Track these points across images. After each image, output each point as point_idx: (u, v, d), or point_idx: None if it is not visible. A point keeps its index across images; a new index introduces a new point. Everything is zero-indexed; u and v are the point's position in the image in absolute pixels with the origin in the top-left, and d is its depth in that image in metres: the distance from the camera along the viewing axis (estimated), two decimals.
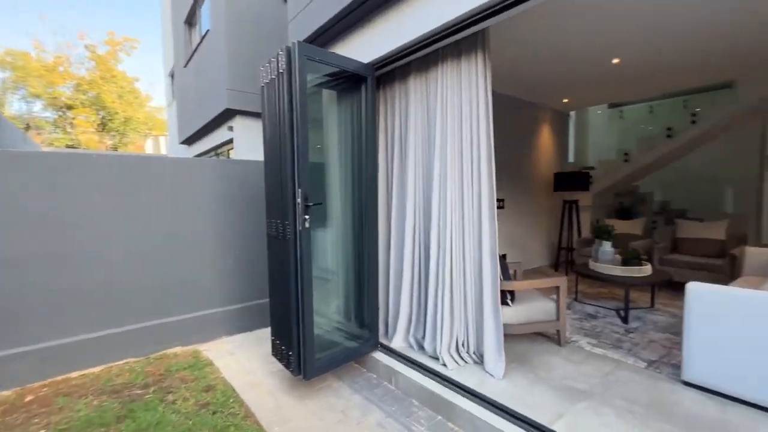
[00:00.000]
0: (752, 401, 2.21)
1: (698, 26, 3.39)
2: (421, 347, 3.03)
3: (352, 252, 3.36)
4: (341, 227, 3.45)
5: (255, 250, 4.04)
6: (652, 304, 4.14)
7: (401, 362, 2.93)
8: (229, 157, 7.35)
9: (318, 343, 2.75)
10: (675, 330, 3.44)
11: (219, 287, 3.89)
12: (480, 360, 2.79)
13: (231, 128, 6.65)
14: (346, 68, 2.86)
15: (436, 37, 2.57)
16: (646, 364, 2.81)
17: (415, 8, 2.59)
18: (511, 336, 3.18)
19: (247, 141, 6.49)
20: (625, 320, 3.66)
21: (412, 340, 3.11)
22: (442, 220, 2.83)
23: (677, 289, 4.64)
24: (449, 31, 2.48)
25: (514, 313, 3.02)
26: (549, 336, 3.32)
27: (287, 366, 2.76)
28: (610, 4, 3.00)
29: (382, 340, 3.25)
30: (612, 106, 8.40)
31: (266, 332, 3.95)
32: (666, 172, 7.45)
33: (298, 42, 2.47)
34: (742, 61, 4.29)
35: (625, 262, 3.83)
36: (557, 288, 3.12)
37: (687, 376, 2.47)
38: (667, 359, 2.87)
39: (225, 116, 6.73)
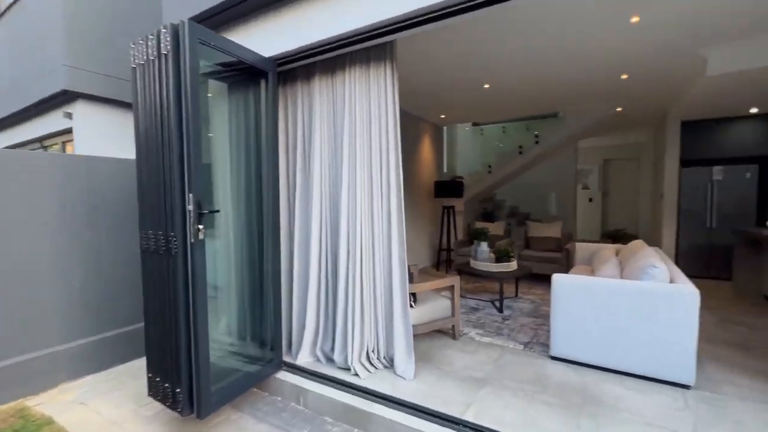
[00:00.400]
0: (599, 365, 2.81)
1: (532, 65, 4.17)
2: (330, 360, 2.91)
3: (250, 264, 3.03)
4: (236, 237, 3.07)
5: (117, 267, 3.28)
6: (517, 294, 4.91)
7: (309, 379, 2.75)
8: (66, 152, 5.79)
9: (212, 373, 2.37)
10: (536, 314, 4.14)
11: (60, 318, 3.01)
12: (390, 364, 2.83)
13: (69, 115, 5.27)
14: (244, 60, 2.56)
15: (345, 41, 2.53)
16: (522, 346, 3.29)
17: (324, 9, 2.49)
18: (414, 336, 3.33)
19: (95, 132, 5.23)
20: (500, 310, 4.23)
21: (319, 353, 2.96)
22: (351, 227, 2.79)
23: (532, 279, 5.63)
24: (359, 38, 2.47)
25: (417, 314, 3.17)
26: (444, 331, 3.60)
27: (173, 406, 2.29)
28: (483, 35, 3.44)
29: (286, 357, 3.01)
30: (475, 124, 9.73)
31: (132, 367, 3.24)
32: (514, 182, 9.00)
33: (190, 21, 2.10)
34: (566, 96, 5.47)
35: (498, 260, 4.44)
36: (452, 287, 3.40)
37: (554, 352, 2.99)
38: (536, 339, 3.43)
39: (60, 99, 5.30)
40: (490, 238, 6.25)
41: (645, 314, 2.64)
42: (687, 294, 2.53)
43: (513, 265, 4.42)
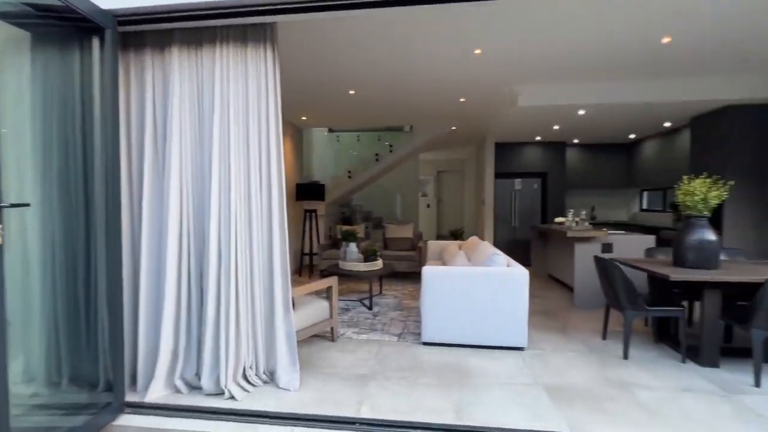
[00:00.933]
0: (463, 343, 3.22)
1: (393, 80, 4.61)
2: (195, 387, 2.44)
3: (71, 279, 2.26)
4: (53, 242, 2.23)
5: None
6: (381, 291, 5.20)
7: (167, 416, 2.23)
8: None
9: None
10: (401, 308, 4.47)
11: None
12: (271, 378, 2.56)
13: None
14: (73, 6, 1.91)
15: (213, 11, 2.21)
16: (396, 337, 3.49)
17: None
18: None
19: None
20: (370, 307, 4.39)
21: (179, 382, 2.43)
22: (224, 228, 2.41)
23: (391, 277, 6.06)
24: (231, 10, 2.19)
25: (297, 320, 2.97)
26: (322, 335, 3.49)
27: None
28: (353, 40, 3.57)
29: (130, 396, 2.35)
30: (331, 130, 9.93)
31: None
32: (368, 189, 9.58)
33: None
34: (418, 111, 6.20)
35: (367, 259, 4.61)
36: (330, 287, 3.34)
37: (425, 338, 3.28)
38: (407, 330, 3.69)
39: None
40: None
41: (493, 294, 3.18)
42: (520, 274, 3.18)
43: (380, 264, 4.66)
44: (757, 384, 2.55)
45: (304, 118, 6.69)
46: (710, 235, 2.96)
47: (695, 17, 3.02)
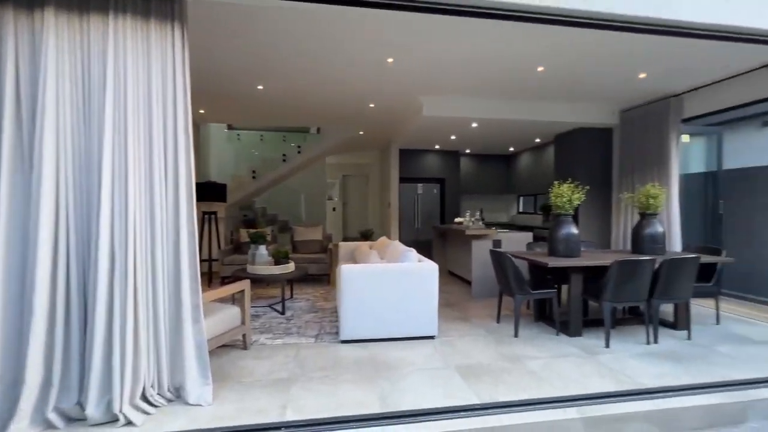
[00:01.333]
0: (380, 337, 3.33)
1: (303, 79, 4.59)
2: (75, 419, 2.04)
3: None
4: None
5: None
6: (292, 295, 5.04)
7: None
8: None
9: None
10: (314, 310, 4.40)
11: None
12: (178, 395, 2.29)
13: None
14: None
15: None
16: (313, 339, 3.43)
17: None
18: None
19: None
20: (282, 312, 4.22)
21: (53, 415, 2.00)
22: (120, 228, 2.08)
23: (300, 281, 5.92)
24: None
25: (207, 328, 2.70)
26: (232, 344, 3.23)
27: None
28: (269, 31, 3.44)
29: None
30: (230, 128, 9.24)
31: None
32: (272, 191, 9.18)
33: None
34: (329, 113, 6.21)
35: (278, 262, 4.43)
36: (242, 291, 3.13)
37: (343, 336, 3.30)
38: (323, 330, 3.66)
39: None
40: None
41: (407, 288, 3.38)
42: (431, 269, 3.45)
43: (292, 267, 4.52)
44: (607, 345, 3.24)
45: (202, 111, 6.12)
46: (574, 230, 3.65)
47: (562, 54, 3.71)
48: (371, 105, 5.58)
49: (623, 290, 3.25)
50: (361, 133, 7.44)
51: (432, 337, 3.44)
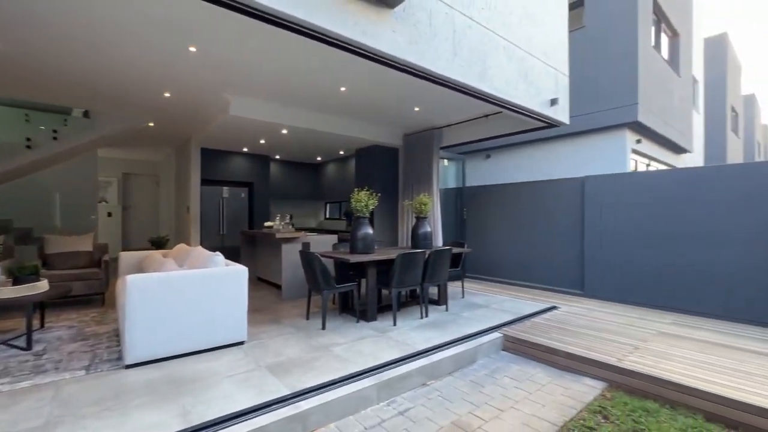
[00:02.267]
0: (178, 353, 2.98)
1: (84, 43, 3.70)
2: None
3: None
4: None
5: None
6: (43, 324, 3.82)
7: None
8: None
9: None
10: (84, 336, 3.50)
11: None
12: None
13: None
14: None
15: None
16: (84, 371, 2.74)
17: None
18: None
19: None
20: (29, 346, 3.15)
21: None
22: None
23: (55, 306, 4.56)
24: None
25: None
26: None
27: None
28: None
29: None
30: None
31: None
32: (5, 188, 6.63)
33: None
34: (107, 93, 5.00)
35: (19, 281, 3.29)
36: None
37: (130, 359, 2.79)
38: (98, 359, 2.97)
39: None
40: None
41: (213, 295, 3.16)
42: (240, 271, 3.35)
43: (44, 285, 3.45)
44: (395, 324, 3.96)
45: None
46: (370, 230, 4.30)
47: (361, 80, 4.33)
48: (167, 94, 4.90)
49: (405, 278, 4.06)
50: (151, 124, 6.37)
51: (242, 343, 3.34)
